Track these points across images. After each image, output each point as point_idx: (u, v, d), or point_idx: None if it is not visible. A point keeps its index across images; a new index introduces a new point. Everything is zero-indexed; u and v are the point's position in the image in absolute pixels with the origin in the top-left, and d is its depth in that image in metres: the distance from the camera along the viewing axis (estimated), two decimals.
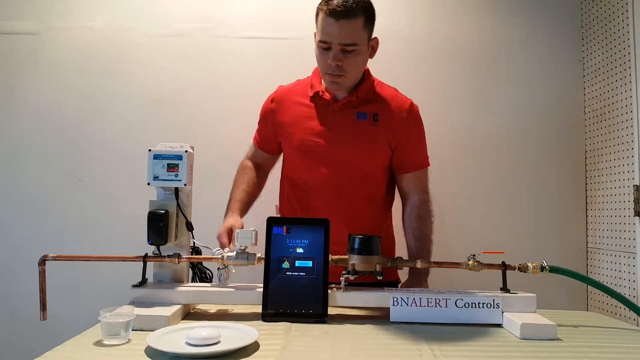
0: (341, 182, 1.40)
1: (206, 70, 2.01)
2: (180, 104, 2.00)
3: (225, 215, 1.38)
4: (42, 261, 1.08)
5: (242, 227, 1.30)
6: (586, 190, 2.03)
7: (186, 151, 1.14)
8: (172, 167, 1.12)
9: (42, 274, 1.08)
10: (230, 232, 1.27)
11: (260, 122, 1.53)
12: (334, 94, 1.41)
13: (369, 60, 1.39)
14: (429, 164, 1.48)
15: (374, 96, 1.41)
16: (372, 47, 1.36)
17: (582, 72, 2.05)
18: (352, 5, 1.24)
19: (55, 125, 1.99)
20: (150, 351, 0.85)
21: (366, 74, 1.43)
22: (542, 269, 1.14)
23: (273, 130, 1.48)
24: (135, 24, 2.02)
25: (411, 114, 1.41)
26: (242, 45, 2.01)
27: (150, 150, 1.14)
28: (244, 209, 1.42)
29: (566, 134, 2.05)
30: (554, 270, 1.14)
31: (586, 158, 2.03)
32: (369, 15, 1.29)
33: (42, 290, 1.08)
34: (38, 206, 1.97)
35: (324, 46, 1.29)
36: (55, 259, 1.09)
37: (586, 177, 2.03)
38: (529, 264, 1.15)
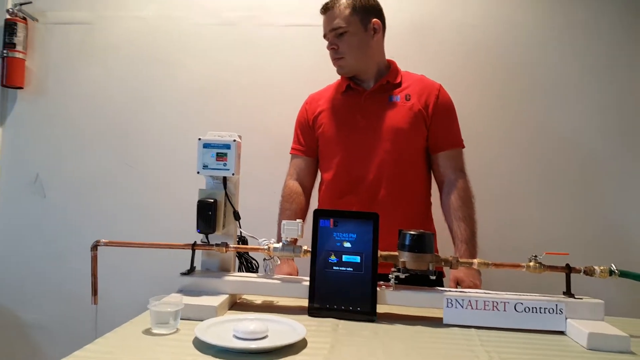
0: (380, 168, 1.41)
1: (252, 58, 2.00)
2: (227, 93, 2.00)
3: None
4: (95, 246, 1.10)
5: (297, 273, 1.41)
6: None
7: (234, 140, 1.12)
8: (220, 156, 1.11)
9: (94, 259, 1.10)
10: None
11: (298, 128, 1.57)
12: (363, 86, 1.47)
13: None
14: (463, 146, 1.49)
15: (403, 82, 1.48)
16: (373, 28, 1.44)
17: None
18: None
19: (106, 113, 2.04)
20: (198, 343, 0.85)
21: (392, 65, 1.51)
22: (611, 273, 1.04)
23: (312, 128, 1.52)
24: (183, 13, 2.03)
25: (441, 93, 1.47)
26: (288, 33, 1.98)
27: (200, 139, 1.13)
28: None
29: (633, 127, 1.89)
30: (624, 274, 1.05)
31: None
32: (354, 1, 1.41)
33: (94, 275, 1.10)
34: (91, 192, 2.04)
35: (326, 40, 1.46)
36: (107, 244, 1.11)
37: None
38: (596, 267, 1.05)
